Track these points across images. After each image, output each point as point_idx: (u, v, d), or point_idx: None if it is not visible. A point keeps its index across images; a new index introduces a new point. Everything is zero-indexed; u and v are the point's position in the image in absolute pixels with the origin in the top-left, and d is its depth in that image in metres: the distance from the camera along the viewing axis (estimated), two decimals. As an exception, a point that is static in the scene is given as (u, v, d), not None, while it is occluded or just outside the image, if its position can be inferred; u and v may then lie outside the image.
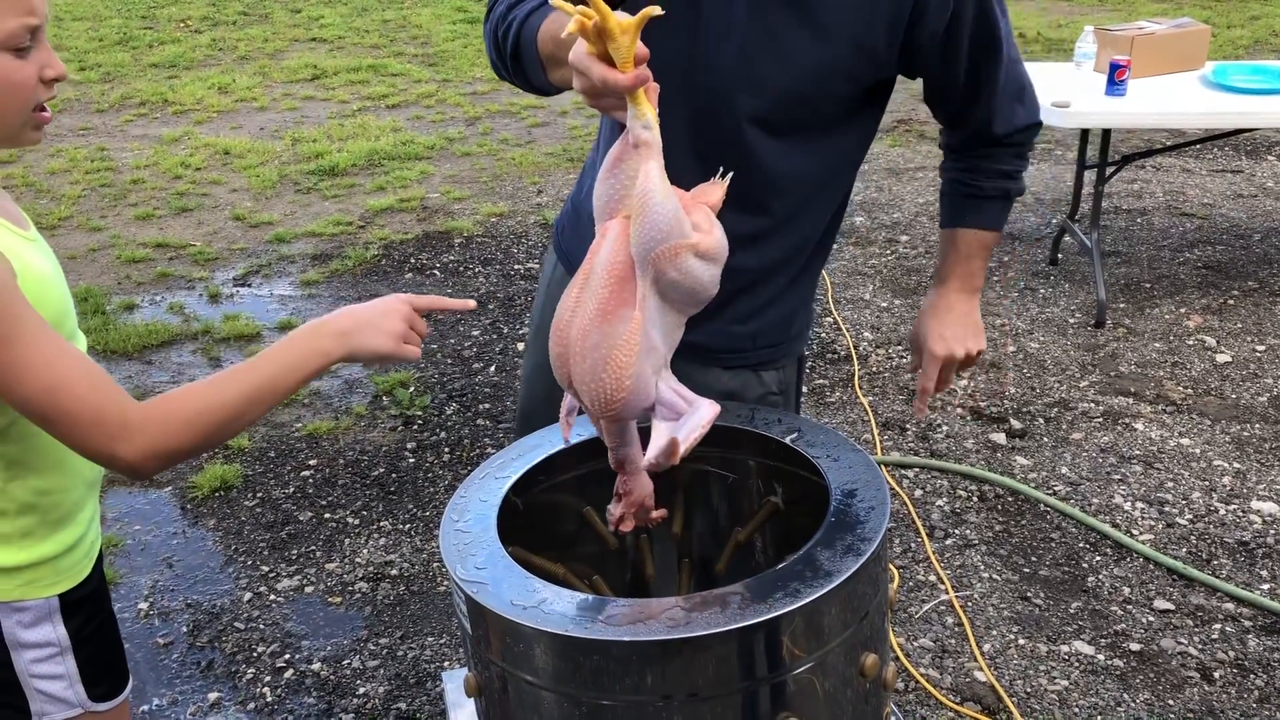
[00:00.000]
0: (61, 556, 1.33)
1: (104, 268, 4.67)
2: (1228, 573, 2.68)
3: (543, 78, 1.32)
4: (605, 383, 1.13)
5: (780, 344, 1.64)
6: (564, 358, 1.16)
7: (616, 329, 1.12)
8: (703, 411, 1.16)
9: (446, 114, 6.93)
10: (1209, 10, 9.04)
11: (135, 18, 10.70)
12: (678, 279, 1.12)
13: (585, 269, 1.16)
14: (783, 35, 1.37)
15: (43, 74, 1.20)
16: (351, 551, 2.88)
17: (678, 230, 1.10)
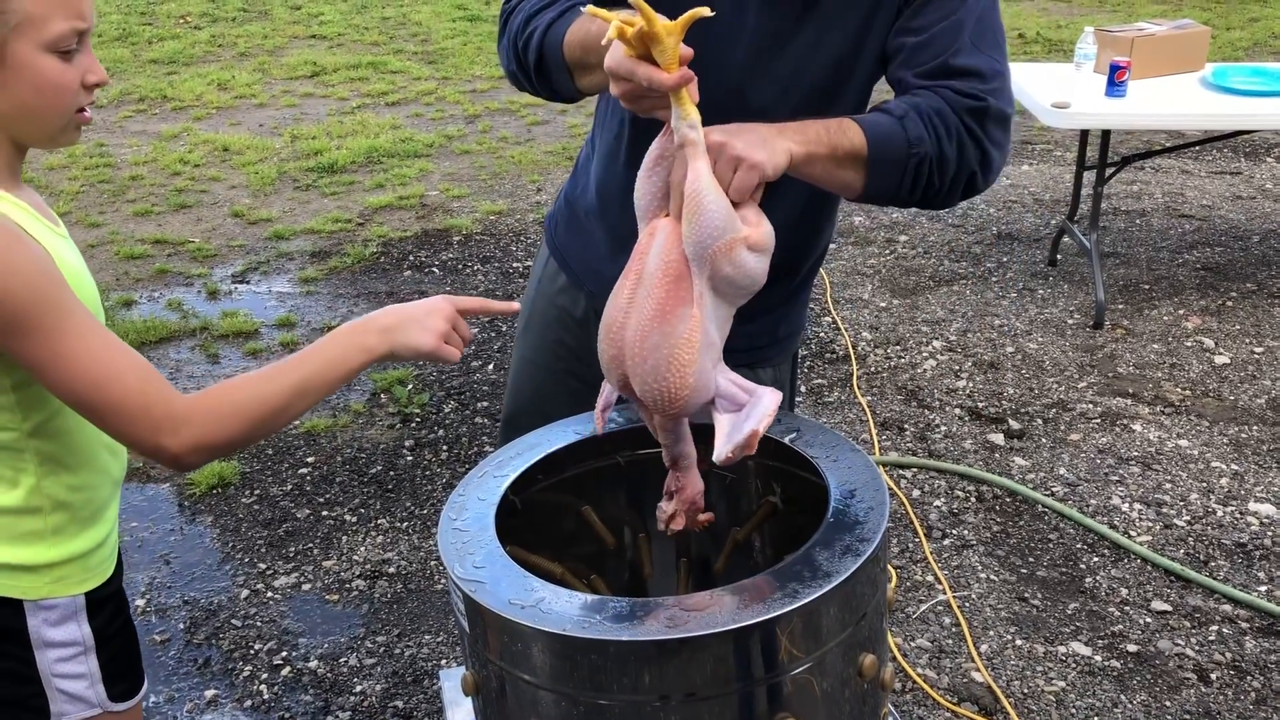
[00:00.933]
0: (90, 554, 1.33)
1: (102, 264, 4.66)
2: (1225, 574, 2.68)
3: (570, 85, 1.33)
4: (670, 381, 1.14)
5: (776, 342, 1.66)
6: (619, 359, 1.17)
7: (677, 328, 1.14)
8: (767, 400, 1.16)
9: (446, 111, 6.92)
10: (1209, 12, 9.04)
11: (134, 14, 10.68)
12: (732, 273, 1.14)
13: (635, 269, 1.17)
14: (792, 35, 1.38)
15: (85, 79, 1.22)
16: (349, 549, 2.88)
17: (731, 226, 1.12)
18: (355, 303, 4.30)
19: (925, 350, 3.82)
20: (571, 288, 1.67)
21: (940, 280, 4.35)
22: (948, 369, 3.69)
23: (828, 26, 1.39)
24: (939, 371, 3.68)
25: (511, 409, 1.78)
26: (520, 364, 1.77)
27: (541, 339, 1.73)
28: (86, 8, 1.19)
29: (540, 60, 1.34)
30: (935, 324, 4.00)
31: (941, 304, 4.15)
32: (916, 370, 3.69)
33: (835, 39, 1.39)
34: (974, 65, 1.34)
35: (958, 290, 4.26)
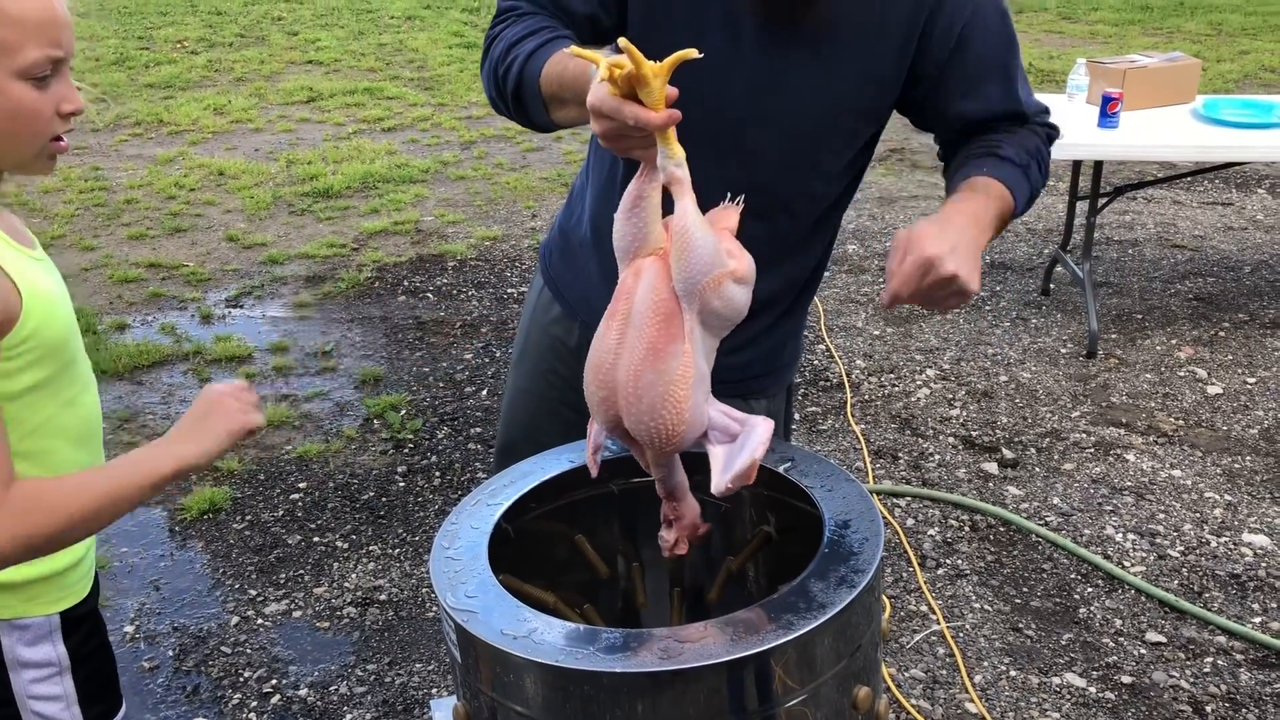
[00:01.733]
0: (65, 573, 1.32)
1: (96, 287, 4.66)
2: (1219, 605, 2.67)
3: (545, 116, 1.33)
4: (666, 419, 1.15)
5: (770, 373, 1.66)
6: (610, 400, 1.17)
7: (670, 365, 1.14)
8: (761, 429, 1.17)
9: (441, 138, 6.95)
10: (1199, 44, 9.13)
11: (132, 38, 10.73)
12: (720, 307, 1.15)
13: (621, 309, 1.17)
14: (792, 75, 1.38)
15: (60, 107, 1.21)
16: (340, 576, 2.86)
17: (718, 261, 1.13)
18: (349, 328, 4.29)
19: (919, 379, 3.82)
20: (565, 318, 1.67)
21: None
22: (941, 397, 3.69)
23: (828, 67, 1.39)
24: (933, 400, 3.68)
25: (506, 438, 1.78)
26: (514, 393, 1.77)
27: (535, 368, 1.72)
28: (64, 36, 1.18)
29: (518, 90, 1.34)
30: (929, 352, 4.01)
31: (935, 332, 4.16)
32: (910, 399, 3.69)
33: (837, 80, 1.40)
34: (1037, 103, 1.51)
35: (951, 319, 4.27)
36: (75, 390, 1.33)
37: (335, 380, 3.88)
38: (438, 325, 4.31)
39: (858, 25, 1.37)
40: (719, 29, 1.36)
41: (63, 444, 1.32)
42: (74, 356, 1.33)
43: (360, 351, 4.10)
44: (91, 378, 1.40)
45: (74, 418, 1.33)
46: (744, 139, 1.42)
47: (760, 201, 1.46)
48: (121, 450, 3.42)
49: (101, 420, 1.44)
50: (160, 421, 3.61)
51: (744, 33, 1.36)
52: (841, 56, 1.38)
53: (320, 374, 3.93)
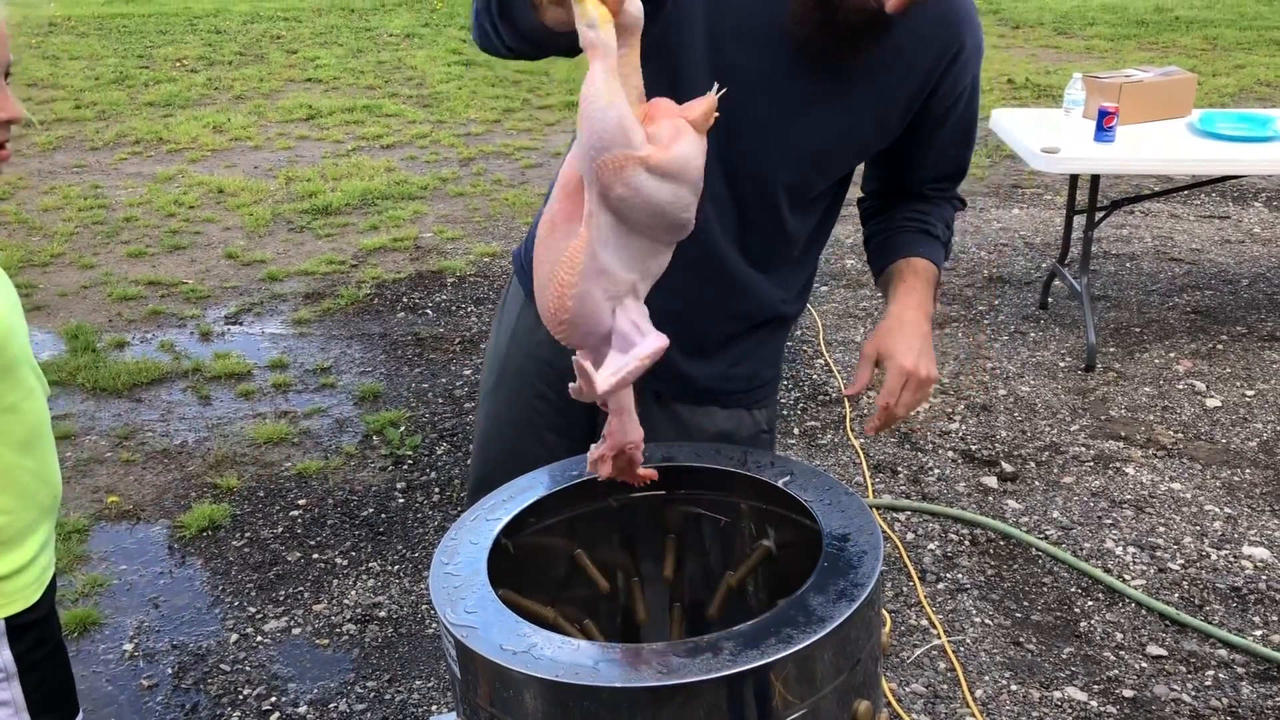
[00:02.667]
0: (9, 578, 1.32)
1: (95, 305, 4.66)
2: (1220, 618, 2.67)
3: (532, 18, 1.19)
4: (548, 298, 1.06)
5: (769, 382, 1.67)
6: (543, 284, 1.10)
7: (561, 243, 1.05)
8: (644, 344, 1.06)
9: (440, 154, 6.97)
10: (1195, 59, 9.17)
11: (132, 57, 10.77)
12: (628, 195, 1.00)
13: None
14: (817, 100, 1.40)
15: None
16: (340, 592, 2.85)
17: (621, 139, 0.98)
18: (348, 344, 4.30)
19: (918, 393, 3.82)
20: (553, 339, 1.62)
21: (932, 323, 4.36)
22: (940, 412, 3.69)
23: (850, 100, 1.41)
24: (932, 414, 3.68)
25: (482, 472, 1.69)
26: (493, 422, 1.69)
27: (518, 395, 1.65)
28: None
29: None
30: (928, 366, 4.01)
31: (934, 346, 4.16)
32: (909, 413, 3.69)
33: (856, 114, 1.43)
34: (966, 170, 1.60)
35: (950, 333, 4.28)
36: (17, 397, 1.34)
37: (334, 397, 3.88)
38: (437, 341, 4.31)
39: (884, 66, 1.40)
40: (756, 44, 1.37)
41: (4, 450, 1.32)
42: (14, 363, 1.33)
43: (359, 368, 4.10)
44: (37, 384, 1.41)
45: (17, 424, 1.34)
46: (761, 158, 1.43)
47: (763, 218, 1.48)
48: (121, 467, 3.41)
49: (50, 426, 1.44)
50: (159, 439, 3.61)
51: (782, 54, 1.37)
52: (863, 92, 1.41)
53: (319, 390, 3.93)
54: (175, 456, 3.52)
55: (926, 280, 1.54)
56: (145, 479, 3.39)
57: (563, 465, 1.42)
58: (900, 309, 1.50)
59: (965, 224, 5.53)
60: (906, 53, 1.40)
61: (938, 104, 1.45)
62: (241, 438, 3.61)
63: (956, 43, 1.42)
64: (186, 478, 3.40)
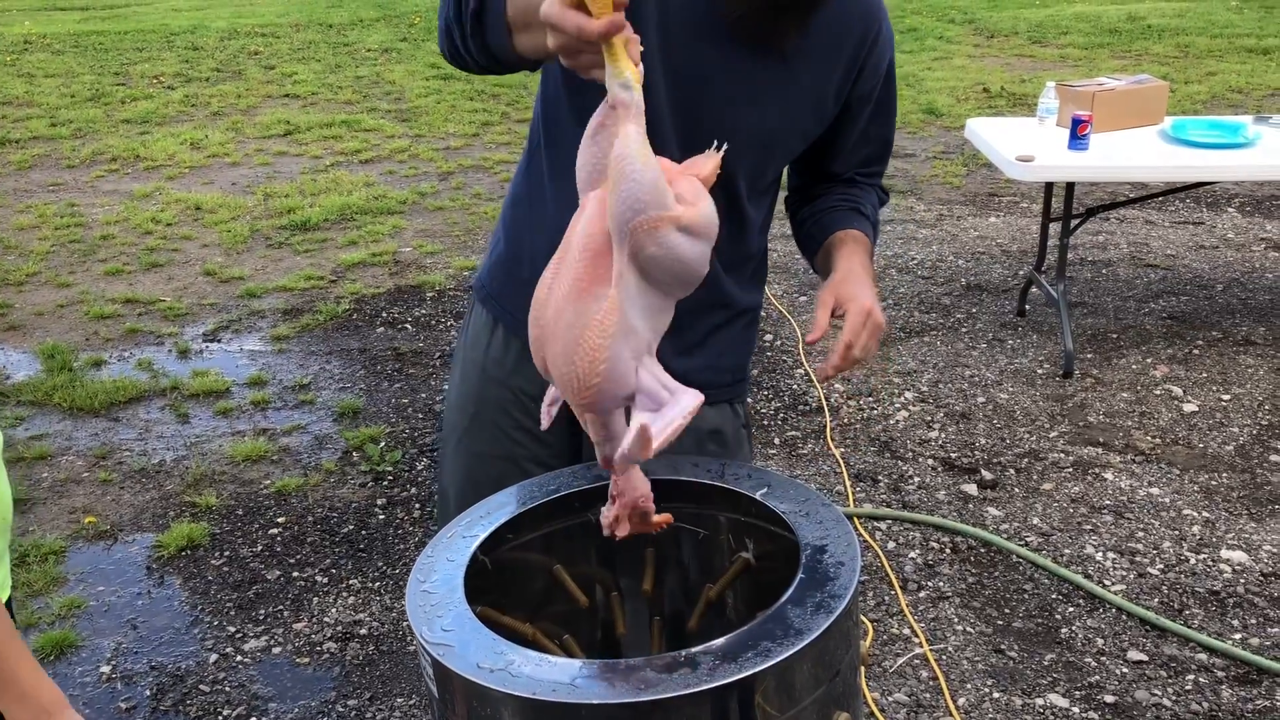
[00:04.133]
0: None
1: (72, 324, 4.63)
2: (1200, 622, 2.69)
3: (505, 40, 1.21)
4: (578, 366, 1.03)
5: (746, 376, 1.69)
6: (540, 340, 1.09)
7: (590, 307, 1.03)
8: (684, 400, 1.06)
9: (419, 169, 6.96)
10: (1167, 66, 9.26)
11: (108, 74, 10.72)
12: (659, 255, 1.02)
13: (564, 243, 1.08)
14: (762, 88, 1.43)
15: None
16: (320, 611, 2.84)
17: (657, 200, 1.00)
18: (327, 360, 4.28)
19: (897, 401, 3.84)
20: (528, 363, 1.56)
21: (911, 331, 4.39)
22: (920, 420, 3.71)
23: (791, 86, 1.44)
24: (911, 422, 3.69)
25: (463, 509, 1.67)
26: (474, 459, 1.63)
27: (497, 428, 1.60)
28: None
29: (481, 8, 1.23)
30: (907, 375, 4.02)
31: (913, 355, 4.18)
32: (889, 421, 3.70)
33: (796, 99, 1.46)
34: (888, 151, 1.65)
35: (928, 341, 4.29)
36: None
37: (314, 413, 3.87)
38: (416, 356, 4.30)
39: (815, 51, 1.43)
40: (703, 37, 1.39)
41: None
42: None
43: (339, 384, 4.09)
44: None
45: None
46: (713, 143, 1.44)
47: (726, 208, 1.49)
48: (99, 487, 3.38)
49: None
50: (137, 458, 3.59)
51: (729, 46, 1.39)
52: (801, 77, 1.44)
53: (298, 407, 3.91)
54: (153, 476, 3.49)
55: (866, 250, 1.56)
56: (123, 499, 3.37)
57: (539, 480, 1.41)
58: (849, 265, 1.51)
59: (942, 232, 5.56)
60: (832, 37, 1.44)
61: (863, 85, 1.50)
62: (220, 456, 3.59)
63: (875, 25, 1.47)
64: (165, 497, 3.37)
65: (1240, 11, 12.65)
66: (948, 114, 7.76)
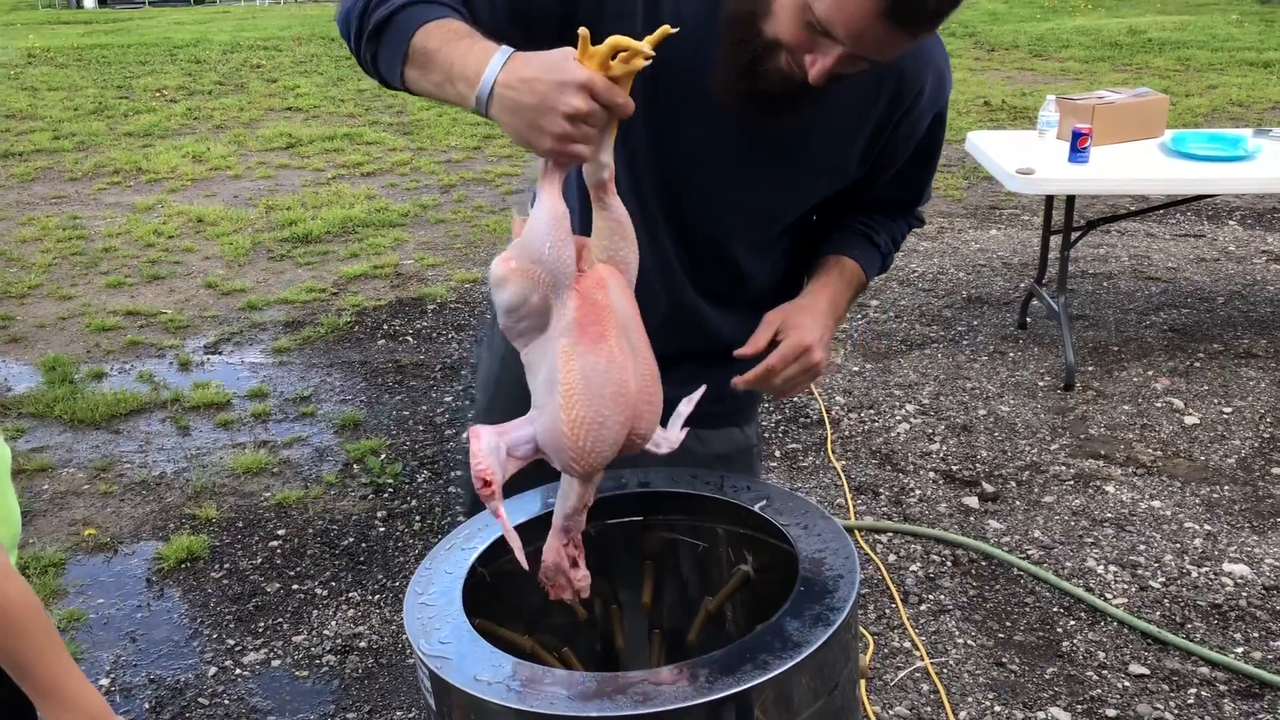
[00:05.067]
0: None
1: (73, 336, 4.64)
2: (1201, 636, 2.68)
3: (396, 69, 1.21)
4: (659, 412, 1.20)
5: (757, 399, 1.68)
6: (628, 419, 1.15)
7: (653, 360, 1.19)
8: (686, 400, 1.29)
9: (421, 181, 6.98)
10: (1168, 80, 9.28)
11: (111, 88, 10.76)
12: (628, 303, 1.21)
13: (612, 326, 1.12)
14: (763, 171, 1.39)
15: None
16: (319, 623, 2.83)
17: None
18: (328, 372, 4.28)
19: (898, 414, 3.83)
20: None
21: (912, 344, 4.39)
22: (921, 432, 3.70)
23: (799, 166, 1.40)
24: (912, 435, 3.69)
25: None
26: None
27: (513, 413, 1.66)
28: None
29: (384, 25, 1.21)
30: (908, 388, 4.02)
31: (913, 368, 4.18)
32: (890, 434, 3.70)
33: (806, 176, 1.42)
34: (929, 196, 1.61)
35: (929, 354, 4.29)
36: None
37: (314, 425, 3.87)
38: (417, 368, 4.30)
39: (832, 130, 1.37)
40: (699, 118, 1.34)
41: None
42: None
43: (339, 396, 4.09)
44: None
45: None
46: (708, 224, 1.44)
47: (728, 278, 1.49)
48: (99, 499, 3.36)
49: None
50: (138, 470, 3.59)
51: (723, 124, 1.34)
52: (813, 157, 1.40)
53: (299, 420, 3.91)
54: (154, 488, 3.49)
55: (849, 282, 1.49)
56: (123, 511, 3.36)
57: (538, 492, 1.41)
58: (815, 296, 1.45)
59: (943, 245, 5.57)
60: (855, 104, 1.35)
61: (900, 143, 1.42)
62: (221, 468, 3.59)
63: (916, 86, 1.37)
64: (165, 509, 3.37)
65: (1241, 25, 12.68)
66: (949, 127, 7.73)
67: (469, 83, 1.12)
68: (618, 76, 1.07)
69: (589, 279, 1.14)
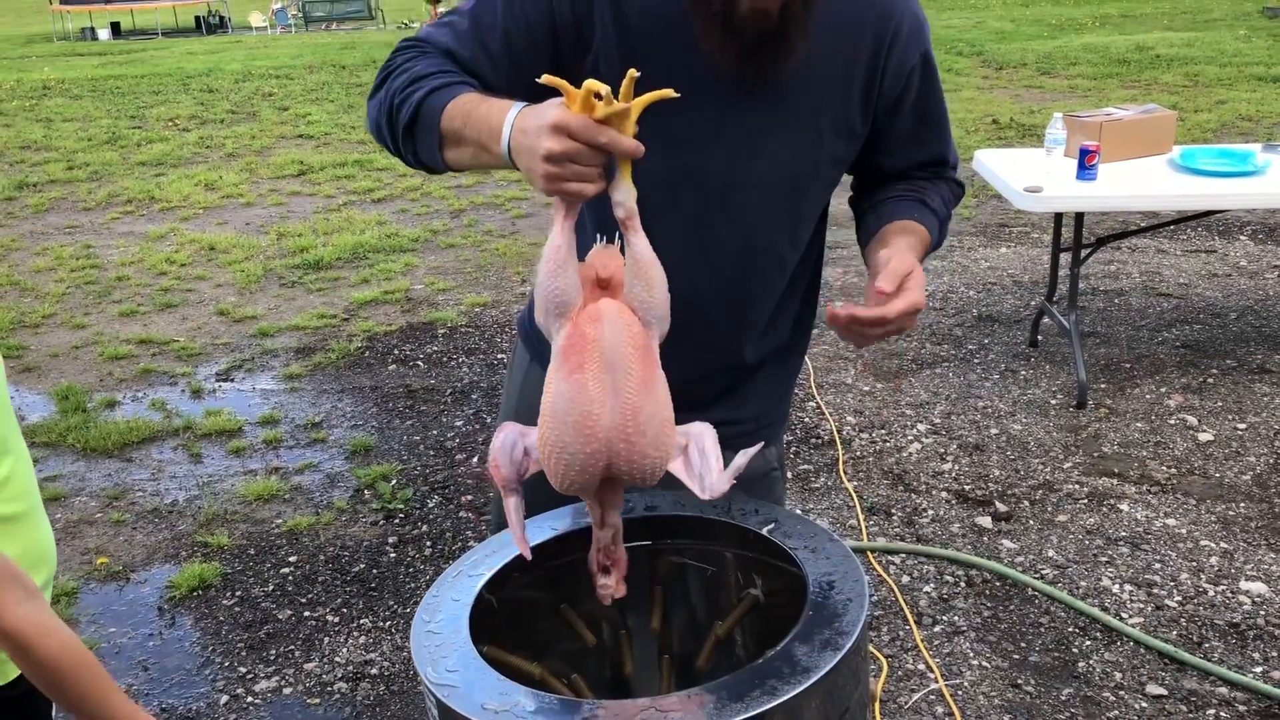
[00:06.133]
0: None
1: (86, 365, 4.66)
2: (1219, 655, 2.65)
3: (436, 153, 1.31)
4: (667, 445, 1.18)
5: (777, 420, 1.66)
6: (599, 454, 1.15)
7: (660, 393, 1.17)
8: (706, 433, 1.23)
9: (431, 207, 7.01)
10: (1177, 95, 9.28)
11: (124, 118, 10.85)
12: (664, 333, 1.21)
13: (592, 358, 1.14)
14: (768, 135, 1.40)
15: None
16: (331, 650, 2.83)
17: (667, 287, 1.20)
18: (339, 398, 4.29)
19: (910, 434, 3.82)
20: None
21: (922, 363, 4.38)
22: (933, 452, 3.69)
23: (803, 125, 1.41)
24: (924, 455, 3.67)
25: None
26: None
27: None
28: None
29: (414, 120, 1.31)
30: (919, 407, 4.01)
31: (924, 387, 4.16)
32: (902, 454, 3.68)
33: (813, 136, 1.43)
34: (956, 159, 1.60)
35: (940, 373, 4.28)
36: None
37: (325, 451, 3.87)
38: (428, 393, 4.31)
39: (826, 79, 1.39)
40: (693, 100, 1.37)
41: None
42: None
43: (350, 422, 4.10)
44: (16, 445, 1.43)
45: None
46: (729, 202, 1.43)
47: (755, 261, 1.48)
48: (111, 528, 3.37)
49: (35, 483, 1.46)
50: (150, 498, 3.60)
51: (719, 101, 1.37)
52: (814, 113, 1.41)
53: (310, 446, 3.92)
54: (166, 516, 3.50)
55: (919, 241, 1.46)
56: (135, 539, 3.37)
57: (546, 518, 1.41)
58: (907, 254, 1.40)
59: (953, 263, 5.56)
60: (840, 52, 1.39)
61: (890, 90, 1.44)
62: (232, 495, 3.59)
63: (891, 24, 1.40)
64: (177, 537, 3.37)
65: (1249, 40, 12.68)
66: (958, 145, 7.77)
67: (496, 141, 1.21)
68: (606, 117, 1.09)
69: (587, 312, 1.16)
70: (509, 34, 1.36)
